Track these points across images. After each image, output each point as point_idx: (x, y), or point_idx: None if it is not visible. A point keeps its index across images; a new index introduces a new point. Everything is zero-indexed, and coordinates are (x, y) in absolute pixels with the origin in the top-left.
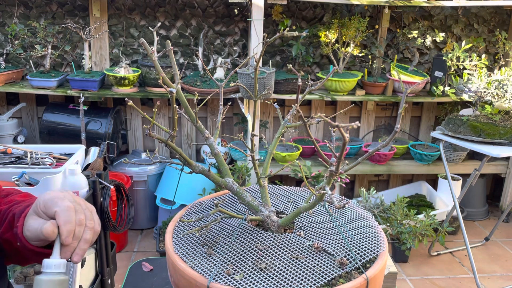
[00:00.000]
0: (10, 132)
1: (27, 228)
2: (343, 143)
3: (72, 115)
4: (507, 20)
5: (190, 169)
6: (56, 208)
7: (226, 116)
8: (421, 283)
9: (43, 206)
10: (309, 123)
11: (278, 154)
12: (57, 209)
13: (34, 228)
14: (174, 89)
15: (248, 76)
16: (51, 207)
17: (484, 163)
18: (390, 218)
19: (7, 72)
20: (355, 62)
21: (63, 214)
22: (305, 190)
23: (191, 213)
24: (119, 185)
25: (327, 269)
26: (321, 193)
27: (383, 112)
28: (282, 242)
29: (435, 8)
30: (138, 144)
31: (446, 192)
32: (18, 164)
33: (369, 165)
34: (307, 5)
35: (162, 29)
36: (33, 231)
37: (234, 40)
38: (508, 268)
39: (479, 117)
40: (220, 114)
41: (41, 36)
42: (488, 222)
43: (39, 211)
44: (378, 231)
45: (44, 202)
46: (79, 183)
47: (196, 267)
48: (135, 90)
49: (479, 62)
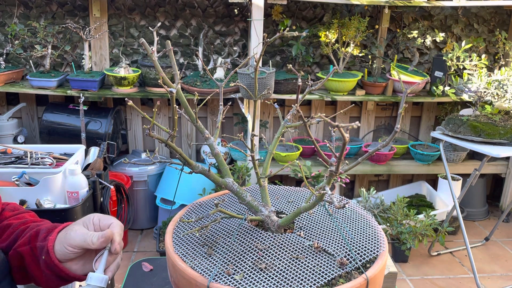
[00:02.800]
0: (10, 132)
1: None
2: (343, 143)
3: (72, 115)
4: (507, 20)
5: (190, 169)
6: (112, 221)
7: (226, 116)
8: (421, 283)
9: (98, 219)
10: (309, 123)
11: (278, 154)
12: (113, 221)
13: (83, 234)
14: (174, 89)
15: (248, 76)
16: (108, 220)
17: (484, 163)
18: (390, 218)
19: (7, 72)
20: (355, 62)
21: (119, 225)
22: (305, 190)
23: (191, 213)
24: (119, 185)
25: (327, 269)
26: (321, 193)
27: (383, 112)
28: (282, 242)
29: (435, 8)
30: (138, 144)
31: (446, 192)
32: (18, 164)
33: (369, 165)
34: (307, 5)
35: (162, 29)
36: (80, 238)
37: (234, 40)
38: (508, 268)
39: (479, 117)
40: (220, 114)
41: (41, 36)
42: (488, 222)
43: (90, 223)
44: (378, 231)
45: (98, 216)
46: (79, 183)
47: (196, 267)
48: (135, 90)
49: (479, 62)
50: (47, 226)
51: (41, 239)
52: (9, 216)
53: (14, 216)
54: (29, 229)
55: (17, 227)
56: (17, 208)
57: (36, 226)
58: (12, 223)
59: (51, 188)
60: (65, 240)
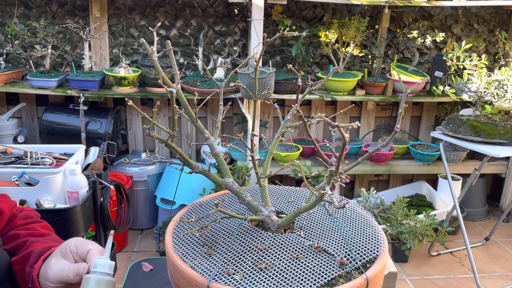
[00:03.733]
0: (10, 132)
1: (50, 267)
2: (343, 143)
3: (72, 115)
4: (507, 20)
5: (190, 169)
6: (90, 246)
7: (226, 116)
8: (421, 283)
9: (74, 247)
10: (309, 123)
11: (278, 154)
12: (91, 247)
13: (58, 270)
14: (174, 89)
15: (248, 76)
16: (86, 246)
17: (484, 163)
18: (390, 218)
19: (7, 72)
20: (355, 62)
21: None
22: (305, 190)
23: (191, 213)
24: (119, 185)
25: (327, 269)
26: (321, 193)
27: (383, 112)
28: (282, 242)
29: (435, 8)
30: (138, 144)
31: (446, 192)
32: (18, 164)
33: (369, 165)
34: (307, 5)
35: (162, 29)
36: (57, 274)
37: (234, 40)
38: (508, 268)
39: (479, 117)
40: (220, 114)
41: (41, 36)
42: (488, 222)
43: (67, 252)
44: (378, 231)
45: (75, 243)
46: (79, 183)
47: (196, 267)
48: (135, 90)
49: (479, 62)
50: (39, 249)
51: (30, 264)
52: (19, 225)
53: (23, 226)
54: (26, 246)
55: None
56: (30, 216)
57: (31, 245)
58: (20, 234)
59: (51, 188)
60: (44, 276)
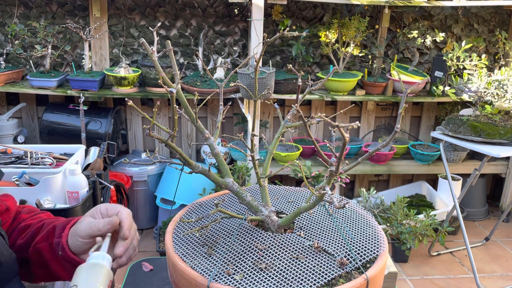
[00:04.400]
0: (10, 132)
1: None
2: (343, 143)
3: (72, 115)
4: (507, 20)
5: (190, 169)
6: (119, 208)
7: (226, 116)
8: (421, 283)
9: (105, 209)
10: (309, 123)
11: (278, 154)
12: (121, 208)
13: (89, 223)
14: (174, 89)
15: (248, 76)
16: (115, 208)
17: (484, 163)
18: (390, 218)
19: (7, 72)
20: (355, 62)
21: (126, 212)
22: (305, 190)
23: (191, 213)
24: (119, 185)
25: (327, 269)
26: (321, 193)
27: (383, 112)
28: (282, 242)
29: (435, 8)
30: (138, 144)
31: (446, 192)
32: (18, 164)
33: (369, 165)
34: (307, 5)
35: (162, 29)
36: (87, 226)
37: (234, 40)
38: (508, 268)
39: (479, 117)
40: (220, 114)
41: (41, 36)
42: (488, 222)
43: (98, 213)
44: (378, 231)
45: (105, 206)
46: (79, 183)
47: (196, 267)
48: (135, 90)
49: (479, 62)
50: (62, 222)
51: (57, 235)
52: (26, 218)
53: (30, 217)
54: (46, 225)
55: (35, 226)
56: (33, 210)
57: (52, 223)
58: (31, 223)
59: (51, 188)
60: (75, 233)
